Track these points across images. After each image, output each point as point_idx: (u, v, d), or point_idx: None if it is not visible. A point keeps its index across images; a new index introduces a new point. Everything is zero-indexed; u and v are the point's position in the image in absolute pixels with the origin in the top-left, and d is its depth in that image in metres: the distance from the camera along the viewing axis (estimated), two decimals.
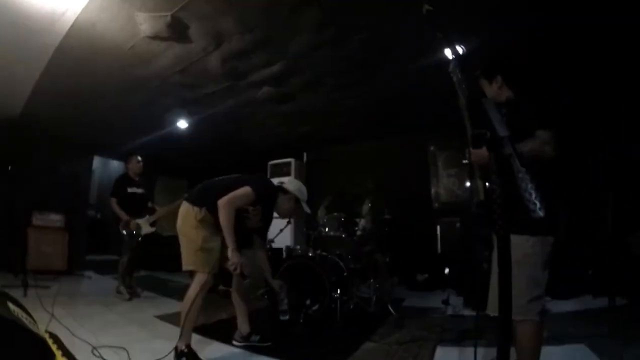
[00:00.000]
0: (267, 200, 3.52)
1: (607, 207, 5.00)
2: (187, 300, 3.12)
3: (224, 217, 3.12)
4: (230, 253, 3.16)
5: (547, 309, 4.36)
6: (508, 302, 1.57)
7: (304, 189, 3.71)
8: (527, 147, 2.15)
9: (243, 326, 3.61)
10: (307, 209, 3.71)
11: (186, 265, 3.22)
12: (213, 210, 3.18)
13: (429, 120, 7.10)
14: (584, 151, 5.54)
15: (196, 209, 3.23)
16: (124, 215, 5.78)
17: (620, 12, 3.90)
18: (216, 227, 3.23)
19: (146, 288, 6.32)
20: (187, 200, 3.35)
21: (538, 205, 1.41)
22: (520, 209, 1.63)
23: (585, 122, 5.69)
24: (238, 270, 3.19)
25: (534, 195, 1.44)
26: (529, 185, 1.46)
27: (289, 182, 3.71)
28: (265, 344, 3.57)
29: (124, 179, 6.17)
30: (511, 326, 1.91)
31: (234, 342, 3.61)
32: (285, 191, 3.61)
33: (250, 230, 3.62)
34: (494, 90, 2.58)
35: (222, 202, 3.13)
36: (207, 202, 3.22)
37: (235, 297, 3.63)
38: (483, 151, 2.01)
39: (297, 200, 3.62)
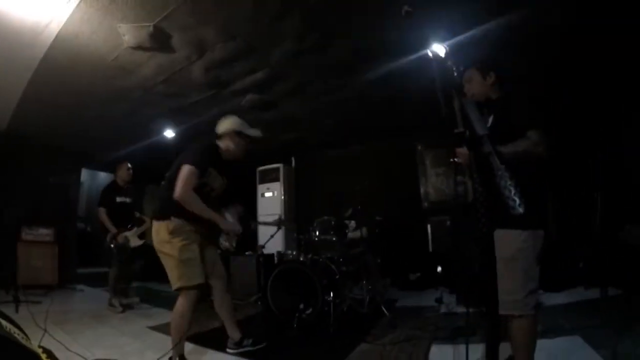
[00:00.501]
0: (212, 160, 3.33)
1: (597, 201, 5.08)
2: (176, 314, 3.10)
3: (191, 205, 3.05)
4: (223, 226, 3.19)
5: (540, 302, 4.41)
6: (494, 297, 1.60)
7: (236, 119, 3.56)
8: (521, 148, 2.18)
9: (234, 333, 3.56)
10: (255, 133, 3.57)
11: (173, 283, 3.12)
12: (179, 214, 3.10)
13: (415, 120, 7.14)
14: (583, 150, 5.67)
15: (166, 222, 3.13)
16: (112, 228, 5.70)
17: (620, 12, 3.97)
18: (191, 233, 3.16)
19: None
20: (154, 218, 3.25)
21: (517, 201, 1.44)
22: (504, 206, 1.65)
23: (585, 122, 5.75)
24: (240, 230, 3.25)
25: (513, 192, 1.47)
26: (508, 183, 1.49)
27: (219, 125, 3.56)
28: (259, 346, 3.55)
29: (113, 188, 6.08)
30: (500, 321, 1.93)
31: (228, 350, 3.57)
32: (221, 136, 3.51)
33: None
34: (486, 85, 2.60)
35: (178, 196, 3.01)
36: (170, 209, 3.12)
37: (218, 307, 3.52)
38: (466, 150, 2.03)
39: (238, 133, 3.49)
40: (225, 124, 3.52)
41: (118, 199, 5.95)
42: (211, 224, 3.22)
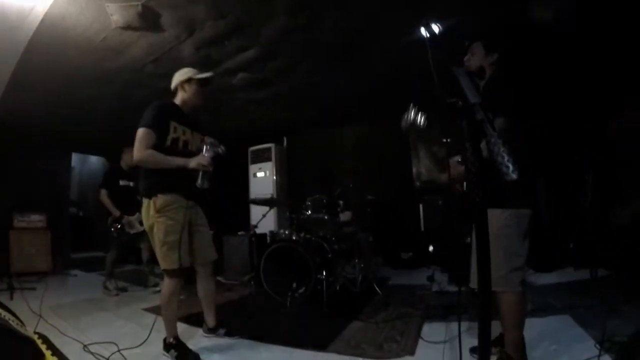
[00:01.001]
0: (168, 116, 3.19)
1: (588, 183, 5.14)
2: (163, 295, 3.10)
3: (151, 161, 3.02)
4: (190, 166, 3.06)
5: (531, 282, 4.47)
6: (487, 274, 1.61)
7: (183, 69, 3.41)
8: None
9: (210, 319, 3.53)
10: (204, 74, 3.40)
11: (160, 264, 3.10)
12: (166, 189, 3.07)
13: (408, 99, 7.10)
14: (575, 133, 5.78)
15: (153, 199, 3.05)
16: (115, 211, 5.69)
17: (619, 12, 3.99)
18: (179, 210, 3.10)
19: (132, 282, 6.31)
20: (143, 195, 3.17)
21: (511, 168, 1.43)
22: (495, 179, 1.66)
23: (577, 105, 5.77)
24: (210, 167, 3.12)
25: (506, 158, 1.47)
26: (501, 149, 1.48)
27: (172, 82, 3.41)
28: (232, 338, 3.49)
29: (116, 171, 6.07)
30: (491, 298, 1.95)
31: (203, 335, 3.57)
32: (174, 91, 3.40)
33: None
34: (486, 62, 2.64)
35: (135, 160, 3.02)
36: (156, 186, 3.08)
37: (200, 291, 3.46)
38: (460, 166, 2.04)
39: (188, 81, 3.35)
40: (174, 79, 3.40)
41: (121, 182, 5.93)
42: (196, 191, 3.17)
